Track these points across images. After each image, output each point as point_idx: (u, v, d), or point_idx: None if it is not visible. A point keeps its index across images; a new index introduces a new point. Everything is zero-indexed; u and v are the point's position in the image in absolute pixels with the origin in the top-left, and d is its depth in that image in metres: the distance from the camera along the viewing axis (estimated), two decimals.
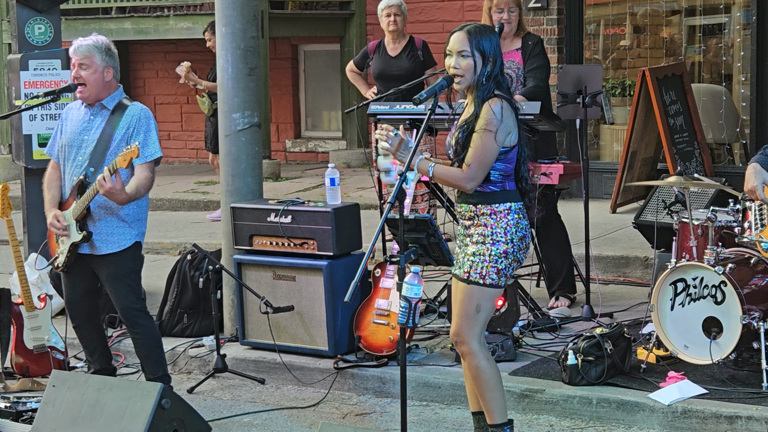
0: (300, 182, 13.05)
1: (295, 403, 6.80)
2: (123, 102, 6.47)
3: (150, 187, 6.37)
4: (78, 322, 6.68)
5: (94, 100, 6.43)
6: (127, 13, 14.29)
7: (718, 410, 5.90)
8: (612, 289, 8.50)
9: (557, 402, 6.31)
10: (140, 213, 6.49)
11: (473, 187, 5.26)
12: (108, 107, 6.44)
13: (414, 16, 12.41)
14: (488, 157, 5.21)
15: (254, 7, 7.57)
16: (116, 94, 6.48)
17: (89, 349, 6.75)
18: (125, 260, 6.45)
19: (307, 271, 7.10)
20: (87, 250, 6.43)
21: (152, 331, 6.58)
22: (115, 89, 6.48)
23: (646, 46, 11.61)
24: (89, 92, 6.40)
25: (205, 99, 11.62)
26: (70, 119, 6.54)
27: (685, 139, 10.28)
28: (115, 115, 6.41)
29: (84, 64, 6.38)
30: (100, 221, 6.38)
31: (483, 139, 5.18)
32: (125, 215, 6.41)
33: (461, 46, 5.25)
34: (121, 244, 6.42)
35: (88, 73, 6.37)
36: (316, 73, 15.18)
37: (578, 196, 9.61)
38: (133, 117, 6.38)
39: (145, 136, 6.35)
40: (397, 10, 9.57)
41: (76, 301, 6.63)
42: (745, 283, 6.32)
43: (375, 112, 7.83)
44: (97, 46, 6.41)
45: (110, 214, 6.38)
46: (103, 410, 5.21)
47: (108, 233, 6.40)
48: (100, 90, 6.41)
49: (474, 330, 5.32)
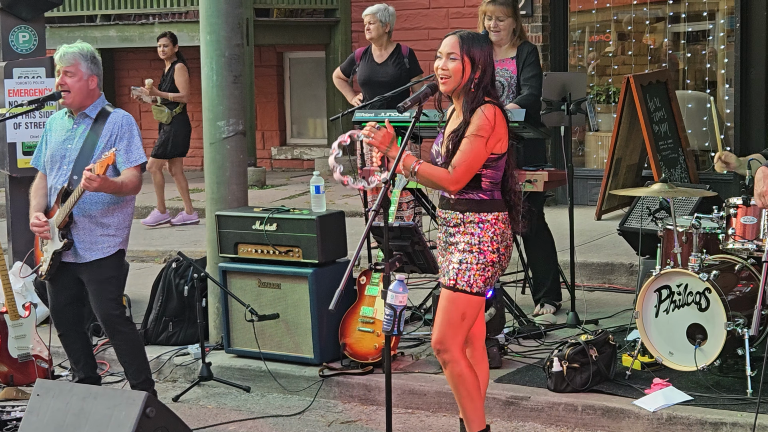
0: (285, 190, 13.05)
1: (281, 411, 6.79)
2: (105, 109, 6.46)
3: (136, 186, 6.36)
4: (63, 331, 6.67)
5: (78, 107, 6.42)
6: (112, 21, 14.29)
7: (703, 417, 5.91)
8: (597, 296, 8.51)
9: (543, 409, 6.31)
10: (124, 221, 6.49)
11: (457, 189, 5.25)
12: (90, 116, 6.43)
13: (399, 23, 12.41)
14: (476, 162, 5.21)
15: (239, 15, 7.57)
16: (98, 102, 6.48)
17: (74, 358, 6.74)
18: (107, 267, 6.44)
19: (293, 279, 7.10)
20: (71, 258, 6.42)
21: (133, 337, 6.57)
22: (97, 97, 6.48)
23: (630, 53, 11.64)
24: (73, 99, 6.39)
25: (164, 108, 11.69)
26: (54, 129, 6.53)
27: (670, 146, 10.31)
28: (98, 123, 6.40)
29: (69, 71, 6.36)
30: (84, 229, 6.37)
31: (473, 143, 5.18)
32: (109, 222, 6.40)
33: (451, 49, 5.26)
34: (104, 252, 6.41)
35: (73, 80, 6.36)
36: (302, 81, 15.19)
37: (563, 203, 9.62)
38: (115, 124, 6.38)
39: (128, 142, 6.36)
40: (372, 19, 9.56)
41: (60, 309, 6.62)
42: (730, 289, 6.33)
43: (360, 120, 7.84)
44: (83, 53, 6.40)
45: (93, 222, 6.37)
46: (87, 419, 5.19)
47: (91, 241, 6.39)
48: (84, 98, 6.40)
49: (458, 338, 5.31)
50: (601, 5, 11.64)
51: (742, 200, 6.39)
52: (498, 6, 7.65)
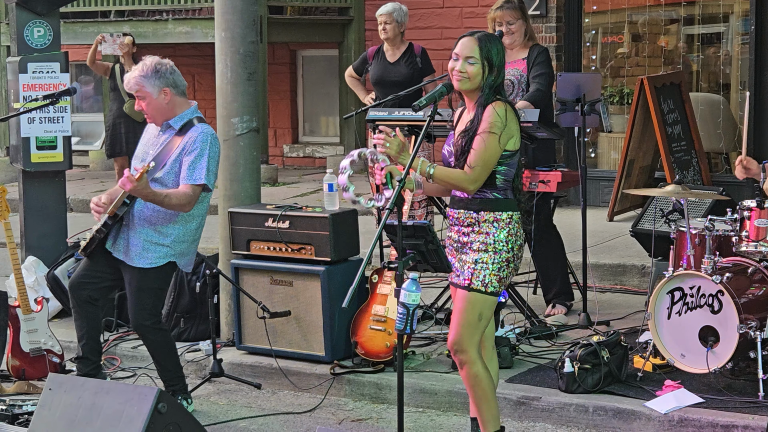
0: (297, 187, 13.06)
1: (291, 408, 6.79)
2: (192, 121, 6.37)
3: (184, 204, 6.22)
4: (74, 302, 6.53)
5: (162, 121, 6.39)
6: (126, 17, 14.29)
7: (714, 419, 5.90)
8: (609, 297, 8.50)
9: (553, 410, 6.31)
10: (185, 235, 6.41)
11: (475, 188, 5.24)
12: (174, 127, 6.37)
13: (413, 23, 12.42)
14: (491, 159, 5.20)
15: (254, 12, 7.57)
16: (187, 113, 6.39)
17: (79, 334, 6.61)
18: (152, 278, 6.37)
19: (305, 277, 7.10)
20: (122, 256, 6.38)
21: (161, 343, 6.53)
22: (185, 107, 6.40)
23: (644, 54, 11.62)
24: (155, 119, 6.39)
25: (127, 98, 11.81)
26: (147, 131, 6.55)
27: (683, 148, 10.30)
28: (179, 135, 6.34)
29: (139, 96, 6.32)
30: (140, 233, 6.32)
31: (486, 141, 5.17)
32: (167, 232, 6.34)
33: (470, 53, 5.24)
34: (153, 261, 6.35)
35: (146, 103, 6.33)
36: (315, 79, 15.20)
37: (576, 204, 9.61)
38: (190, 138, 6.28)
39: (195, 158, 6.25)
40: (388, 18, 9.56)
41: (82, 281, 6.50)
42: (742, 292, 6.32)
43: (373, 118, 7.84)
44: (143, 74, 6.31)
45: (151, 227, 6.31)
46: (99, 414, 5.19)
47: (143, 247, 6.33)
48: (164, 113, 6.35)
49: (474, 338, 5.30)
50: (615, 6, 11.63)
51: (756, 203, 6.38)
52: (506, 10, 7.66)
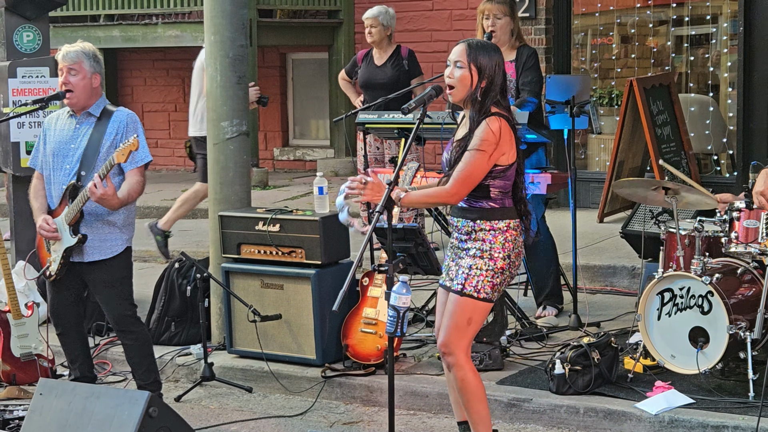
0: (288, 191, 13.05)
1: (283, 411, 6.79)
2: (108, 108, 6.46)
3: (141, 191, 6.37)
4: (62, 330, 6.64)
5: (82, 106, 6.41)
6: (116, 21, 14.28)
7: (704, 420, 5.91)
8: (599, 299, 8.51)
9: (544, 411, 6.32)
10: (130, 217, 6.49)
11: (456, 201, 5.24)
12: (94, 114, 6.43)
13: (402, 25, 12.42)
14: (475, 176, 5.17)
15: (243, 16, 7.57)
16: (101, 101, 6.47)
17: (71, 357, 6.71)
18: (117, 267, 6.44)
19: (295, 280, 7.10)
20: (78, 257, 6.41)
21: (144, 338, 6.57)
22: (99, 96, 6.48)
23: (633, 56, 11.64)
24: (77, 98, 6.38)
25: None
26: (54, 129, 6.51)
27: (673, 149, 10.31)
28: (101, 122, 6.39)
29: (73, 69, 6.36)
30: (91, 228, 6.36)
31: (474, 158, 5.15)
32: (116, 220, 6.39)
33: (458, 57, 5.23)
34: (113, 250, 6.41)
35: (77, 79, 6.36)
36: (304, 82, 15.19)
37: (566, 206, 9.62)
38: (120, 122, 6.37)
39: None
40: (373, 22, 9.58)
41: (63, 309, 6.59)
42: (732, 293, 6.33)
43: (363, 121, 7.84)
44: (85, 52, 6.41)
45: (100, 220, 6.36)
46: (90, 418, 5.19)
47: (100, 239, 6.38)
48: (88, 96, 6.40)
49: (463, 342, 5.31)
50: (604, 8, 11.64)
51: (745, 203, 6.39)
52: (495, 4, 7.63)
